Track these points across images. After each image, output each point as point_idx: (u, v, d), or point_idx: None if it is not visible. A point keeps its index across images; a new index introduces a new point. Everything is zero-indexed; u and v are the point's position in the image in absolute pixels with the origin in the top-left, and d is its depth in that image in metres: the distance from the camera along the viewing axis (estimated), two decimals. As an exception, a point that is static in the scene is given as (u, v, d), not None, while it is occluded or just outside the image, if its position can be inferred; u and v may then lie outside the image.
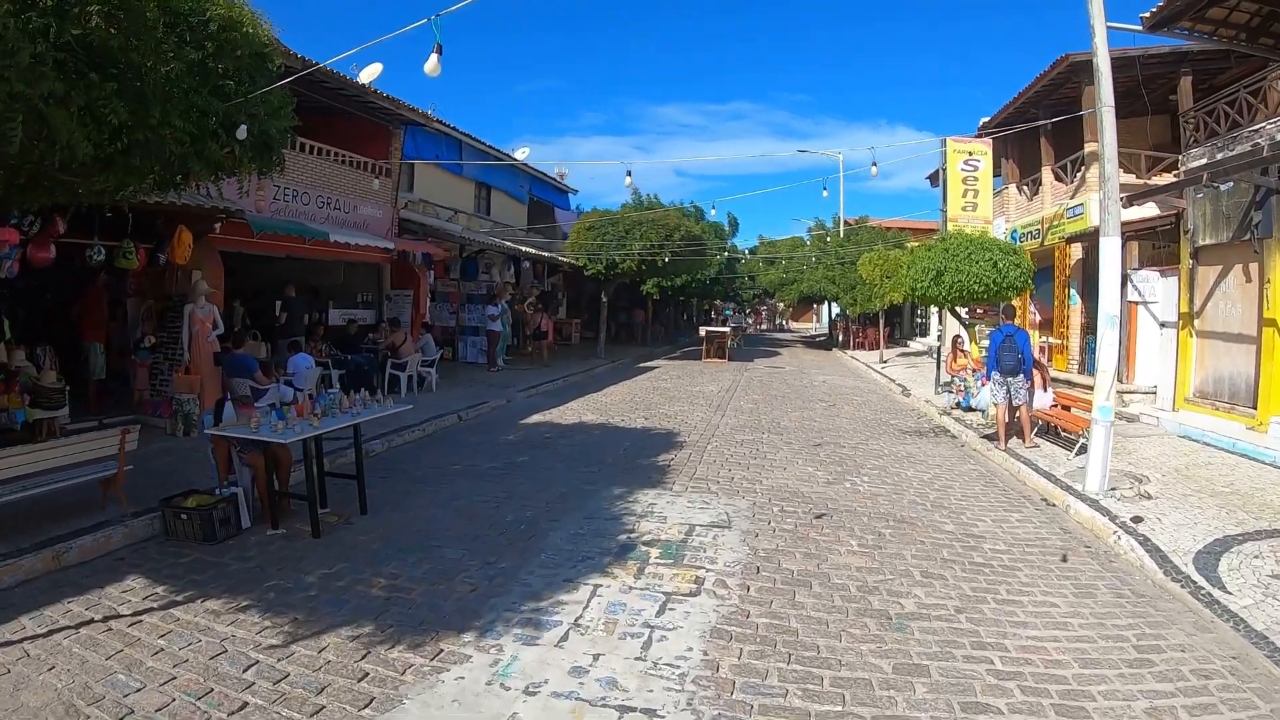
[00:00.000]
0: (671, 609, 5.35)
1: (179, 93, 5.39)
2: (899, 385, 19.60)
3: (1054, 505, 8.63)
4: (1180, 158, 14.64)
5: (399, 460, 10.26)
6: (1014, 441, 11.20)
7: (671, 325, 41.11)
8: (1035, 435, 11.41)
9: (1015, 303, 16.61)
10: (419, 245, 18.29)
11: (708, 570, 6.06)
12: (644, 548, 6.55)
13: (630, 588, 5.71)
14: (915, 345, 34.24)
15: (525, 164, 30.06)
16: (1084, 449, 10.59)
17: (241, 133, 6.06)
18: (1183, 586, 6.03)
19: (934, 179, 29.79)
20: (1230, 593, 5.83)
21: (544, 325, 22.95)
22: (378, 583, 5.86)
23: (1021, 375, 10.93)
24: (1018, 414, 11.20)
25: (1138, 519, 7.80)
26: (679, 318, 44.82)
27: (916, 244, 19.87)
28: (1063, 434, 11.94)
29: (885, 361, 26.76)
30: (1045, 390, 11.71)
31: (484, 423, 13.31)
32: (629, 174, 12.25)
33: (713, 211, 16.85)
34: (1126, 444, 11.20)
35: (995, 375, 11.01)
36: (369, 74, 19.96)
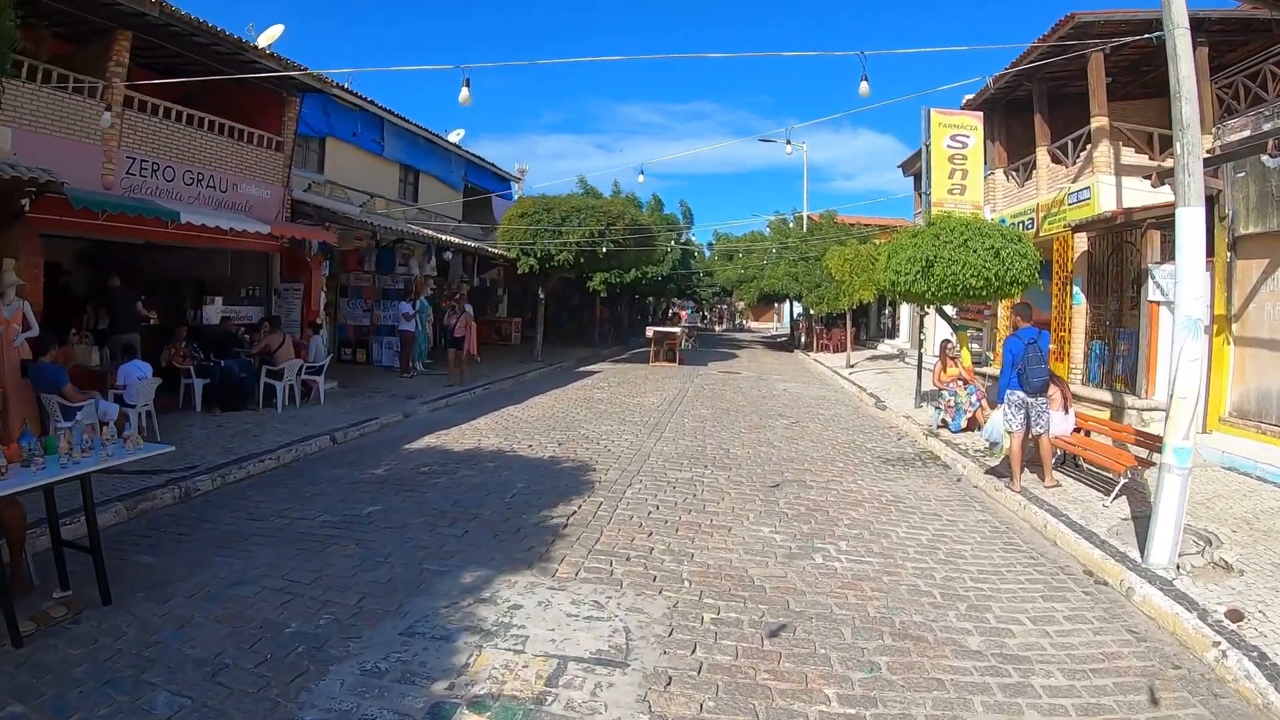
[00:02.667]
0: None
1: None
2: (871, 395, 17.02)
3: (1106, 584, 6.04)
4: (1213, 131, 12.23)
5: (221, 505, 7.54)
6: (1027, 477, 8.63)
7: (624, 325, 38.37)
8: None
9: (1008, 303, 14.07)
10: (312, 231, 15.32)
11: (565, 785, 3.30)
12: (466, 716, 3.78)
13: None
14: (884, 348, 31.75)
15: (459, 146, 27.42)
16: (1124, 491, 8.13)
17: None
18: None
19: (908, 166, 27.42)
20: None
21: (459, 330, 17.40)
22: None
23: (1044, 395, 8.36)
24: (1033, 442, 8.62)
25: (1236, 614, 5.27)
26: (633, 317, 42.11)
27: (896, 231, 17.34)
28: (1083, 465, 9.44)
29: (853, 366, 24.24)
30: (1066, 412, 9.14)
31: (360, 447, 10.51)
32: (466, 82, 9.25)
33: (640, 179, 13.96)
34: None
35: (1016, 395, 8.38)
36: (268, 37, 17.07)
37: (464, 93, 9.25)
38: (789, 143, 11.79)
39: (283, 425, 11.25)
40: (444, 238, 21.14)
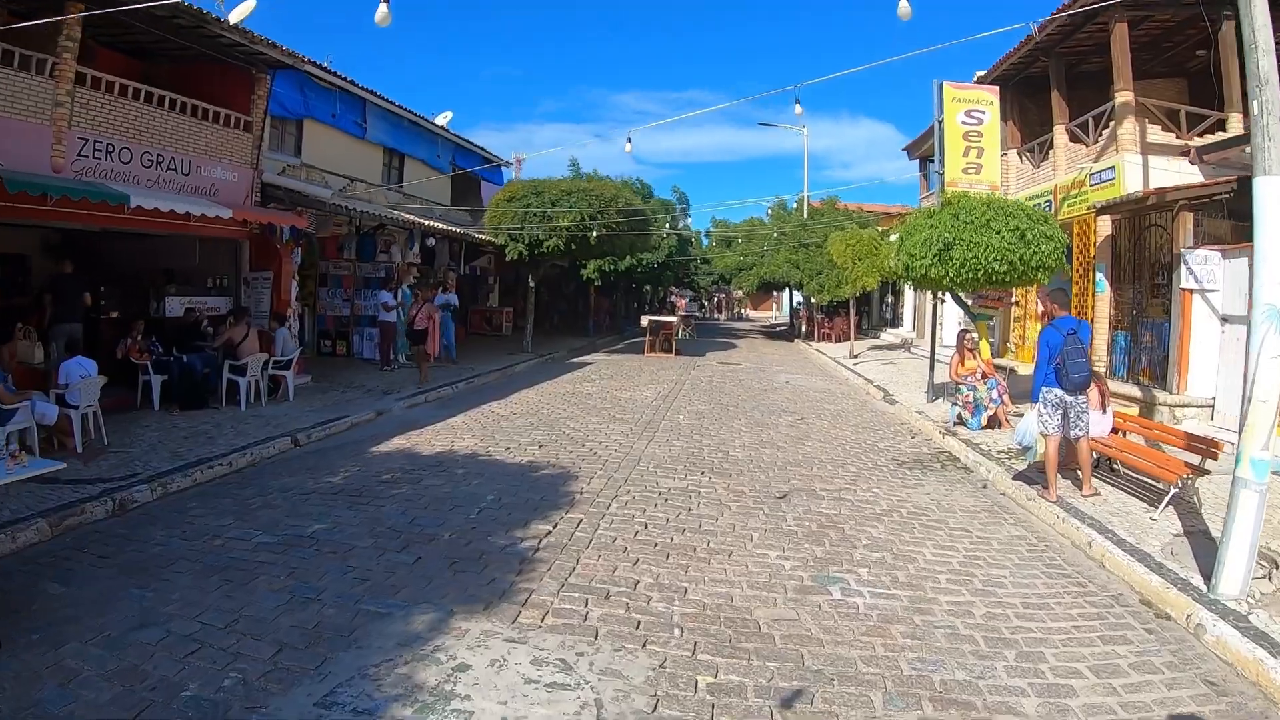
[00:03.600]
0: None
1: None
2: (879, 388, 16.07)
3: (1168, 618, 5.12)
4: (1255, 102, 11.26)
5: (156, 520, 6.64)
6: (1060, 483, 7.67)
7: (620, 314, 37.40)
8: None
9: (1023, 291, 13.09)
10: (281, 216, 14.29)
11: None
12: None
13: None
14: (887, 337, 30.80)
15: (446, 129, 26.40)
16: (1172, 502, 7.21)
17: None
18: None
19: (913, 149, 26.43)
20: None
21: (420, 322, 15.23)
22: None
23: (1085, 393, 7.40)
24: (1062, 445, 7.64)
25: (1330, 658, 4.37)
26: (630, 306, 41.12)
27: (901, 218, 16.35)
28: (1119, 469, 8.52)
29: (856, 356, 23.28)
30: (1104, 411, 8.17)
31: (324, 449, 9.60)
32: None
33: (628, 148, 12.45)
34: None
35: (1052, 393, 7.40)
36: (240, 12, 16.11)
37: (381, 10, 8.19)
38: (798, 101, 10.80)
39: (243, 425, 10.36)
40: (427, 223, 20.14)
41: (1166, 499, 7.18)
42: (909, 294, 29.41)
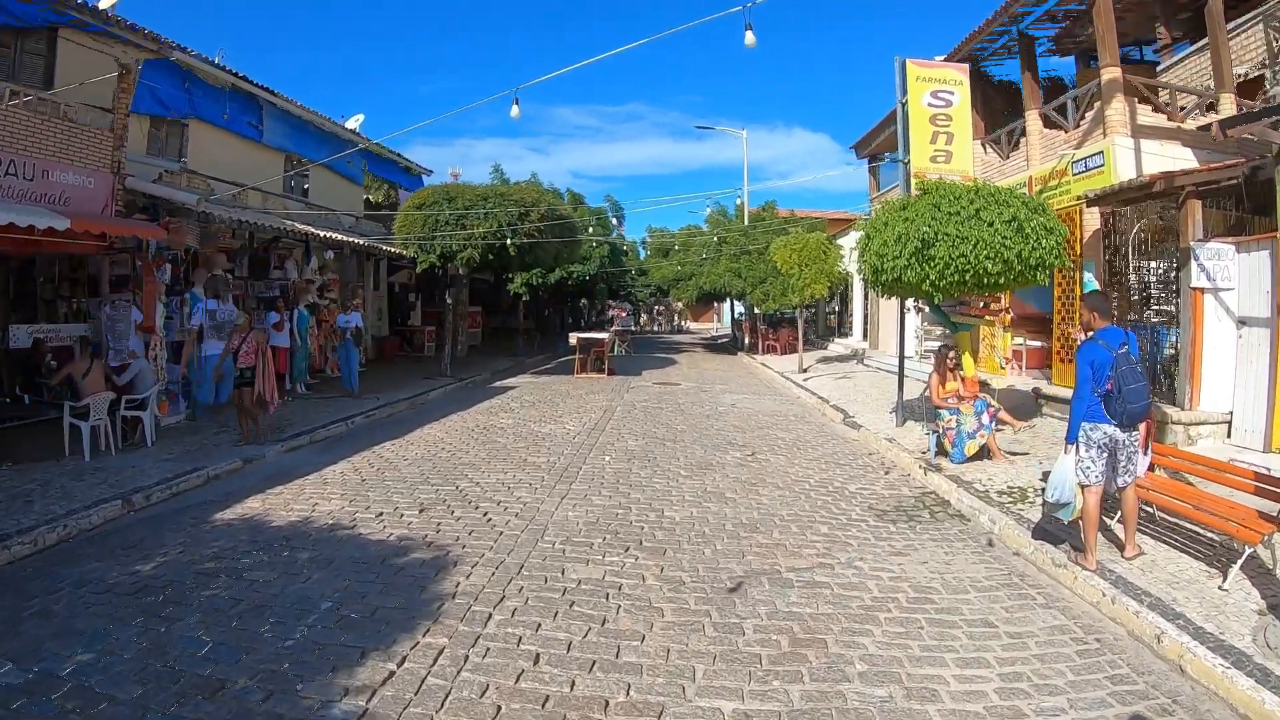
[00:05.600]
0: None
1: None
2: (836, 408, 14.23)
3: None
4: (1269, 73, 9.71)
5: None
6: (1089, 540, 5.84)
7: (554, 330, 35.34)
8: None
9: (992, 295, 11.35)
10: (137, 227, 11.90)
11: None
12: None
13: None
14: (836, 348, 29.09)
15: (358, 133, 24.26)
16: (1250, 560, 5.48)
17: None
18: None
19: (862, 146, 24.87)
20: None
21: (245, 357, 10.93)
22: None
23: (1139, 427, 5.61)
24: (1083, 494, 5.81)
25: None
26: (564, 321, 39.06)
27: (856, 220, 14.59)
28: (1151, 510, 6.85)
29: (806, 370, 21.56)
30: (1147, 450, 6.36)
31: (159, 515, 7.42)
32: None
33: (515, 111, 10.09)
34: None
35: (1100, 430, 5.56)
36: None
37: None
38: (749, 26, 8.84)
39: (76, 483, 8.18)
40: (324, 234, 17.84)
41: (1239, 561, 5.43)
42: (859, 301, 27.89)
